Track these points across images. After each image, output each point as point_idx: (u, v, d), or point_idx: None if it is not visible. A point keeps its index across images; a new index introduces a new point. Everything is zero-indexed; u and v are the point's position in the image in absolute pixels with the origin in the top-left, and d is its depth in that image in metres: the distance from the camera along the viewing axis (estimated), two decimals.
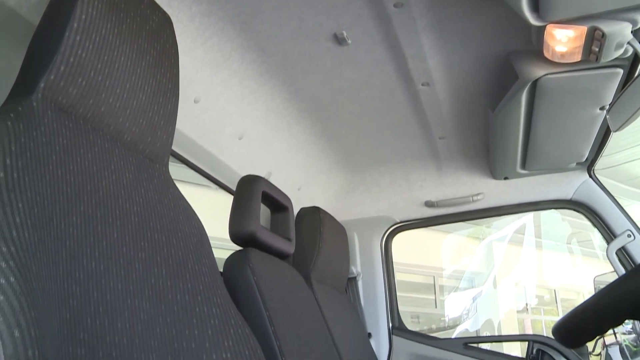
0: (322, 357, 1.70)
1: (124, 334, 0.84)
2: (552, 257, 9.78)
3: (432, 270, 8.47)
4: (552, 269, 9.72)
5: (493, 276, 9.16)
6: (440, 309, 8.67)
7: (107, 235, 0.89)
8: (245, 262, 1.50)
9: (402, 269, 2.49)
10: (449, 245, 8.82)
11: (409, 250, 6.63)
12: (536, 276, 9.83)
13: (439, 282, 8.78)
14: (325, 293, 2.04)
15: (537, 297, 10.07)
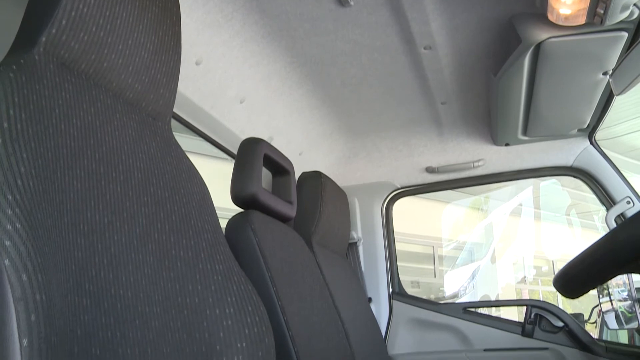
0: (323, 319, 1.72)
1: (129, 287, 0.85)
2: (551, 229, 9.81)
3: (431, 240, 8.51)
4: (551, 241, 9.76)
5: (492, 247, 9.20)
6: (440, 279, 8.73)
7: (111, 190, 0.90)
8: (247, 224, 1.51)
9: (401, 239, 2.51)
10: (449, 216, 8.85)
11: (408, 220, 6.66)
12: (535, 247, 9.87)
13: (438, 252, 8.83)
14: (326, 257, 2.05)
15: (535, 268, 10.12)
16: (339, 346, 1.76)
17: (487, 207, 9.32)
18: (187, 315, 0.95)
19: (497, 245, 9.24)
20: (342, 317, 1.89)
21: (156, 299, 0.90)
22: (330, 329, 1.74)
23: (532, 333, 2.23)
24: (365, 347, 2.03)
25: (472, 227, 9.47)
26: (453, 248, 9.34)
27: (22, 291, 0.59)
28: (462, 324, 2.34)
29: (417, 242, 8.11)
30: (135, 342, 0.82)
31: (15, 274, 0.60)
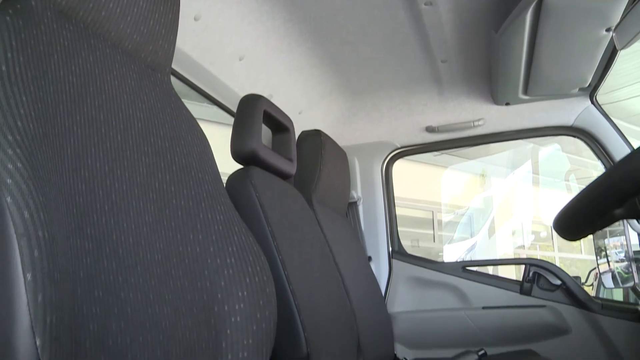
0: (324, 275, 1.73)
1: (130, 234, 0.86)
2: (550, 194, 9.84)
3: (430, 205, 8.54)
4: (550, 206, 9.79)
5: (490, 211, 9.23)
6: (439, 244, 8.78)
7: (111, 138, 0.89)
8: (248, 179, 1.51)
9: (401, 204, 2.51)
10: (448, 181, 8.86)
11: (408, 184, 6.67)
12: (533, 213, 9.91)
13: (438, 217, 8.86)
14: (326, 215, 2.06)
15: (534, 233, 10.17)
16: (339, 302, 1.77)
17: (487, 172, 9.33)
18: (188, 264, 0.95)
19: (496, 210, 9.27)
20: (343, 274, 1.90)
21: (157, 247, 0.91)
22: (331, 285, 1.76)
23: (530, 291, 2.25)
24: (365, 304, 2.05)
25: (471, 192, 9.50)
26: (452, 213, 9.38)
27: (25, 228, 0.60)
28: (461, 283, 2.36)
29: (417, 207, 8.14)
30: (138, 287, 0.83)
31: (18, 211, 0.60)
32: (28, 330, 0.58)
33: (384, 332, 2.20)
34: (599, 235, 2.70)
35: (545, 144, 8.31)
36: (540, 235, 10.17)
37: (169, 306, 0.88)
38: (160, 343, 0.84)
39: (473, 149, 8.49)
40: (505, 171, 9.39)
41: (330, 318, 1.65)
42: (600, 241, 2.69)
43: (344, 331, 1.72)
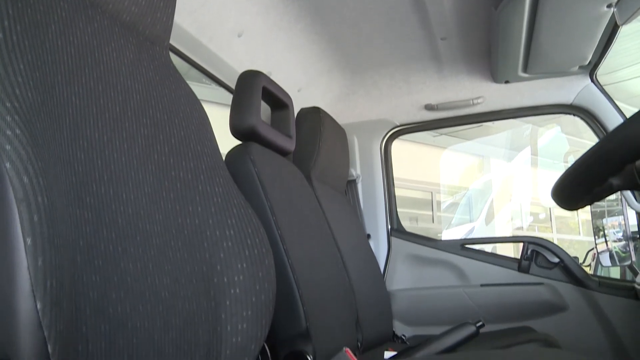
0: (323, 251, 1.74)
1: (129, 204, 0.86)
2: (549, 176, 9.84)
3: (430, 186, 8.55)
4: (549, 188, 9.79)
5: (489, 193, 9.24)
6: (437, 225, 8.80)
7: (110, 109, 0.89)
8: (247, 155, 1.51)
9: (400, 184, 2.51)
10: (447, 162, 8.86)
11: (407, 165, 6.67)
12: (532, 194, 9.92)
13: (437, 198, 8.87)
14: (325, 192, 2.06)
15: (532, 214, 10.19)
16: (339, 278, 1.78)
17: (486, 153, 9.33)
18: (187, 236, 0.96)
19: (495, 191, 9.28)
20: (342, 251, 1.91)
21: (157, 218, 0.91)
22: (330, 262, 1.76)
23: (528, 269, 2.26)
24: (364, 281, 2.06)
25: (471, 174, 9.50)
26: (451, 194, 9.39)
27: (24, 193, 0.60)
28: (460, 260, 2.37)
29: (416, 188, 8.15)
30: (137, 257, 0.83)
31: (17, 176, 0.60)
32: (29, 294, 0.58)
33: (382, 309, 2.21)
34: (597, 214, 2.71)
35: (545, 125, 8.31)
36: (538, 217, 10.19)
37: (169, 277, 0.89)
38: (160, 313, 0.84)
39: (472, 131, 8.48)
40: (504, 152, 9.38)
41: (330, 294, 1.66)
42: (599, 221, 2.70)
43: (343, 307, 1.73)
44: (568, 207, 1.02)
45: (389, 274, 2.45)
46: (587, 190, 0.91)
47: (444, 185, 9.15)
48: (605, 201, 2.70)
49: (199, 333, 0.91)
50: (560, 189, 0.98)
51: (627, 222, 2.40)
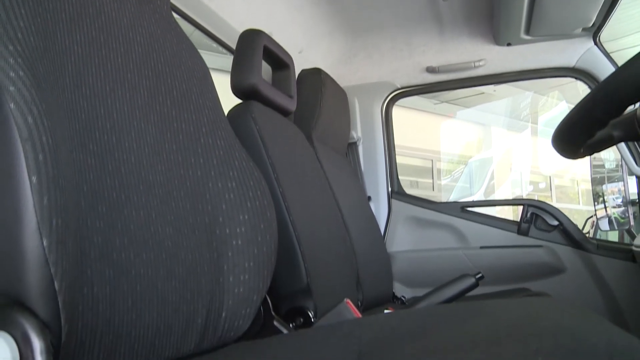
0: (324, 210, 1.75)
1: (132, 154, 0.86)
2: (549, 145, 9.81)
3: (430, 153, 8.55)
4: (548, 156, 9.78)
5: (490, 161, 9.24)
6: (437, 192, 8.83)
7: (112, 59, 0.89)
8: (248, 113, 1.51)
9: (400, 152, 2.51)
10: (448, 129, 8.85)
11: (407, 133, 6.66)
12: (532, 163, 9.91)
13: (437, 165, 8.88)
14: (326, 153, 2.06)
15: (532, 183, 10.20)
16: (340, 238, 1.79)
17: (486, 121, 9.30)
18: (189, 187, 0.96)
19: (495, 160, 9.28)
20: (342, 212, 1.92)
21: (159, 169, 0.91)
22: (331, 221, 1.77)
23: (528, 231, 2.28)
24: (365, 242, 2.07)
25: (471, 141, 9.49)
26: (451, 162, 9.39)
27: (29, 132, 0.60)
28: (460, 223, 2.38)
29: (416, 155, 8.14)
30: (140, 205, 0.84)
31: (21, 116, 0.60)
32: (35, 231, 0.59)
33: (382, 270, 2.23)
34: (597, 181, 2.72)
35: (546, 92, 8.27)
36: (538, 186, 10.21)
37: (171, 227, 0.90)
38: (163, 261, 0.85)
39: (473, 98, 8.45)
40: (505, 121, 9.36)
41: (331, 252, 1.67)
42: (598, 187, 2.71)
43: (344, 266, 1.75)
44: (568, 154, 1.01)
45: (389, 236, 2.46)
46: (588, 134, 0.91)
47: (445, 153, 9.15)
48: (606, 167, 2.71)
49: (202, 283, 0.93)
50: (561, 134, 0.97)
51: (627, 188, 2.40)
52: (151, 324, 0.81)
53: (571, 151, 0.99)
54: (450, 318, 0.73)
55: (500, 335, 0.53)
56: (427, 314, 0.81)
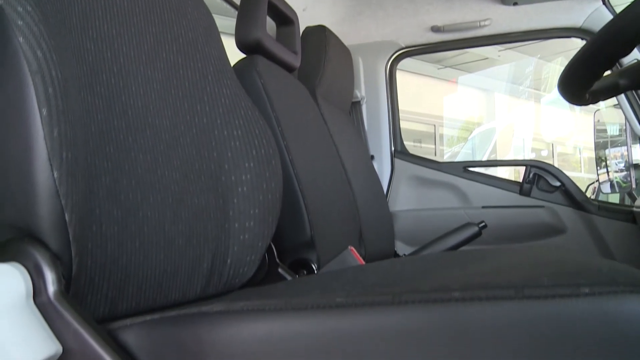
0: (328, 165, 1.75)
1: (138, 98, 0.86)
2: (553, 112, 9.80)
3: (433, 119, 8.53)
4: (552, 124, 9.77)
5: (493, 127, 9.23)
6: (440, 158, 8.83)
7: (117, 3, 0.89)
8: (252, 67, 1.50)
9: (402, 117, 2.51)
10: (450, 95, 8.81)
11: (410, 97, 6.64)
12: (535, 130, 9.90)
13: (440, 131, 8.87)
14: (330, 110, 2.06)
15: (535, 150, 10.20)
16: (343, 193, 1.80)
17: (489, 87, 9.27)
18: (195, 134, 0.97)
19: (498, 129, 9.26)
20: (346, 168, 1.92)
21: (165, 114, 0.92)
22: (335, 176, 1.78)
23: (530, 192, 2.28)
24: (367, 200, 2.08)
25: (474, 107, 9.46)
26: (454, 127, 9.38)
27: (38, 66, 0.61)
28: (462, 182, 2.39)
29: (419, 120, 8.13)
30: (147, 149, 0.85)
31: (30, 50, 0.61)
32: (46, 162, 0.59)
33: (385, 228, 2.25)
34: (600, 145, 2.72)
35: (551, 58, 8.22)
36: (541, 154, 10.21)
37: (178, 172, 0.90)
38: (170, 205, 0.86)
39: (477, 63, 8.40)
40: (508, 87, 9.32)
41: (334, 206, 1.68)
42: (602, 152, 2.71)
43: (347, 221, 1.76)
44: (574, 99, 1.01)
45: (391, 195, 2.47)
46: (595, 76, 0.90)
47: (447, 119, 9.13)
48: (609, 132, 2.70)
49: (208, 228, 0.94)
50: (566, 78, 0.96)
51: (630, 151, 2.41)
52: (158, 265, 0.82)
53: (577, 96, 0.98)
54: (454, 262, 0.74)
55: (505, 269, 0.54)
56: (431, 259, 0.82)
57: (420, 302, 0.42)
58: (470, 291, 0.41)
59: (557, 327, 0.38)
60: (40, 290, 0.59)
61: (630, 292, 0.37)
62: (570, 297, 0.38)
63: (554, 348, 0.38)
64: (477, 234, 1.46)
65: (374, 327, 0.43)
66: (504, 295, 0.40)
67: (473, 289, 0.41)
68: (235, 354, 0.48)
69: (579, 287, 0.38)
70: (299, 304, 0.47)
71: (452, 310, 0.41)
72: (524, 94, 9.54)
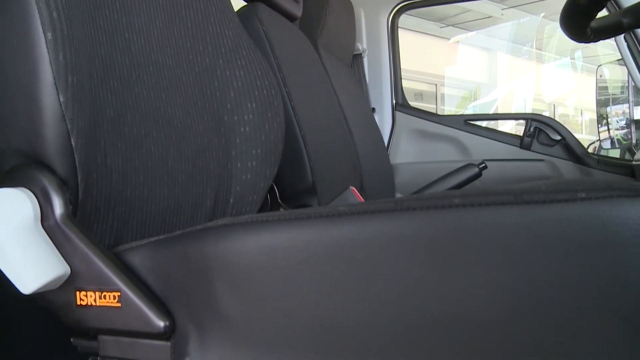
0: (329, 114, 1.75)
1: (141, 35, 0.87)
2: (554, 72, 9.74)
3: (434, 78, 8.48)
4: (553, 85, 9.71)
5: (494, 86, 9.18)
6: None
7: None
8: (254, 13, 1.49)
9: (404, 75, 2.50)
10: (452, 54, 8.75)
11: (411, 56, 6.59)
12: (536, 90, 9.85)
13: (441, 90, 8.83)
14: (331, 62, 2.05)
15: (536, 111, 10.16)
16: (344, 143, 1.81)
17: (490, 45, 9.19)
18: (198, 73, 0.97)
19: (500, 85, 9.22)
20: (347, 119, 1.92)
21: (168, 52, 0.92)
22: (336, 126, 1.78)
23: (530, 146, 2.29)
24: (369, 152, 2.08)
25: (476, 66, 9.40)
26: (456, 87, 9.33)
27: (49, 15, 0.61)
28: (463, 136, 2.39)
29: (420, 80, 8.09)
30: (150, 85, 0.85)
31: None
32: (51, 86, 0.60)
33: (385, 181, 2.26)
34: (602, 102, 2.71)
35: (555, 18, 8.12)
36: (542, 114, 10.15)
37: (181, 109, 0.91)
38: (173, 142, 0.87)
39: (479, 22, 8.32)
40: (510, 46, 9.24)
41: (336, 155, 1.69)
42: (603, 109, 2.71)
43: (349, 170, 1.77)
44: (575, 34, 1.00)
45: (392, 148, 2.47)
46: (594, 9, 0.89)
47: (449, 78, 9.08)
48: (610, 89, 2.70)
49: (210, 167, 0.95)
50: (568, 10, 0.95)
51: (632, 107, 2.41)
52: (161, 201, 0.84)
53: (578, 31, 0.98)
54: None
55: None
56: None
57: (422, 209, 0.43)
58: (470, 197, 0.42)
59: (554, 231, 0.39)
60: (47, 214, 0.60)
61: (625, 196, 0.38)
62: (567, 201, 0.39)
63: (551, 250, 0.39)
64: (477, 175, 1.47)
65: (377, 233, 0.44)
66: (503, 200, 0.41)
67: (473, 197, 0.42)
68: (239, 266, 0.50)
69: (576, 193, 0.39)
70: (302, 214, 0.48)
71: (452, 216, 0.42)
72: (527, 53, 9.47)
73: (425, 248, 0.42)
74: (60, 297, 0.61)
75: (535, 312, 0.40)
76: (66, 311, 0.61)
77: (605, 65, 2.67)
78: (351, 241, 0.45)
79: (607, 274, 0.38)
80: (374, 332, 0.45)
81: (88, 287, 0.59)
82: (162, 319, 0.55)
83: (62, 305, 0.61)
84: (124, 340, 0.60)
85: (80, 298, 0.59)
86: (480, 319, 0.42)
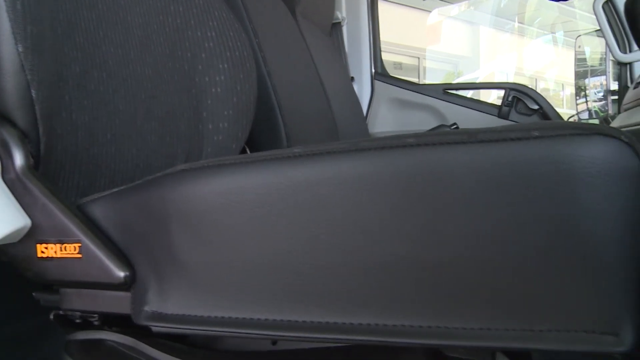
0: (306, 82, 1.74)
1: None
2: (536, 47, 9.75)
3: (416, 51, 8.45)
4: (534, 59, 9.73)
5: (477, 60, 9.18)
6: None
7: None
8: None
9: (385, 48, 2.47)
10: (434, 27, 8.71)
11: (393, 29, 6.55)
12: (518, 65, 9.87)
13: (423, 64, 8.81)
14: (310, 29, 2.03)
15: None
16: (322, 111, 1.79)
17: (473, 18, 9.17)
18: (168, 33, 0.96)
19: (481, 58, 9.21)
20: (325, 88, 1.91)
21: (137, 11, 0.91)
22: (314, 94, 1.77)
23: (508, 115, 2.29)
24: (347, 121, 2.07)
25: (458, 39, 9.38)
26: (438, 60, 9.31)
27: None
28: (441, 105, 2.38)
29: (402, 53, 8.05)
30: (119, 44, 0.84)
31: None
32: (9, 35, 0.59)
33: None
34: (580, 74, 2.72)
35: None
36: None
37: (151, 69, 0.90)
38: (142, 101, 0.86)
39: None
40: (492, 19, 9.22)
41: (313, 124, 1.68)
42: (581, 81, 2.72)
43: (325, 137, 1.75)
44: None
45: (371, 117, 2.47)
46: None
47: (431, 51, 9.05)
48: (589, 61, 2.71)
49: (181, 128, 0.94)
50: None
51: (609, 79, 2.42)
52: (130, 159, 0.83)
53: None
54: None
55: None
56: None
57: (376, 149, 0.43)
58: (424, 137, 0.42)
59: (507, 169, 0.39)
60: (8, 167, 0.60)
61: (578, 134, 0.38)
62: (520, 140, 0.39)
63: (505, 189, 0.39)
64: None
65: (332, 173, 0.44)
66: (456, 139, 0.41)
67: (427, 136, 0.42)
68: (197, 211, 0.49)
69: (530, 131, 0.39)
70: (257, 157, 0.48)
71: (406, 155, 0.42)
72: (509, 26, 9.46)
73: (380, 188, 0.42)
74: (21, 250, 0.60)
75: (490, 251, 0.40)
76: (27, 264, 0.61)
77: (585, 36, 2.67)
78: (306, 182, 0.45)
79: (560, 212, 0.38)
80: (331, 274, 0.45)
81: (49, 239, 0.58)
82: (122, 269, 0.55)
83: (23, 259, 0.61)
84: (85, 293, 0.60)
85: (41, 251, 0.59)
86: (434, 260, 0.42)
